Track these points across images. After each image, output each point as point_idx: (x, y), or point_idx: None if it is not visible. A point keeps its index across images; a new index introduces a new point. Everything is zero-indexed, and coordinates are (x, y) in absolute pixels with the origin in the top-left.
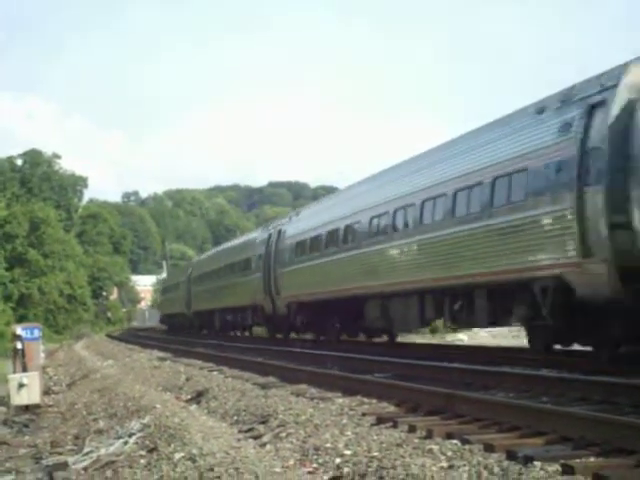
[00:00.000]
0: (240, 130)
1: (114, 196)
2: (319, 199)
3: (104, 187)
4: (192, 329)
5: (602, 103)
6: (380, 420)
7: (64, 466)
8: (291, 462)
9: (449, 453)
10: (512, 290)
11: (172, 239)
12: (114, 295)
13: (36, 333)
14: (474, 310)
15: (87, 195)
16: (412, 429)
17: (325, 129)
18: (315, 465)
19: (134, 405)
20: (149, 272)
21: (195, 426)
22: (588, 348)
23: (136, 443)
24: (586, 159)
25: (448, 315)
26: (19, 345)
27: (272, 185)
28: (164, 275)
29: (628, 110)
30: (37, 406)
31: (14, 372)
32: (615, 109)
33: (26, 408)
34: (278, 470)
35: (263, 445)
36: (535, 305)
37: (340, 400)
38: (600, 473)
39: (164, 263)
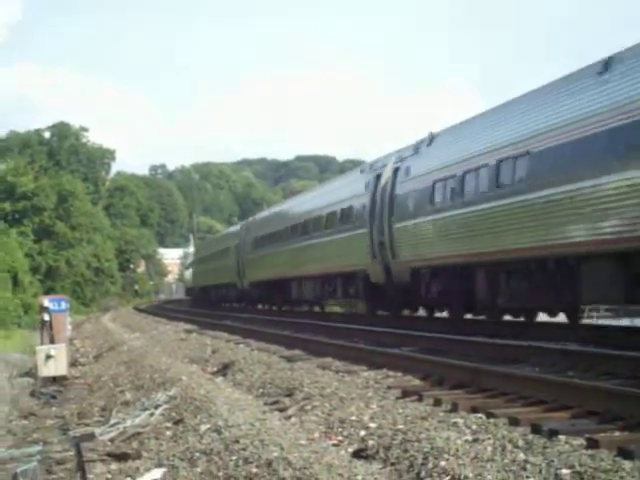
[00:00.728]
0: (268, 103)
1: (141, 169)
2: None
3: (132, 160)
4: (245, 303)
5: (380, 175)
6: (405, 393)
7: (91, 437)
8: (316, 434)
9: (474, 427)
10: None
11: (199, 212)
12: (141, 268)
13: (63, 305)
14: None
15: (114, 168)
16: (437, 403)
17: (354, 102)
18: (340, 437)
19: (160, 377)
20: (176, 245)
21: (221, 398)
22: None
23: (162, 415)
24: (373, 204)
25: None
26: (46, 317)
27: (299, 159)
28: (191, 248)
29: (390, 179)
30: (64, 378)
31: (41, 344)
32: (384, 178)
33: (53, 380)
34: (303, 442)
35: (288, 417)
36: (357, 287)
37: (366, 373)
38: (625, 447)
39: (191, 236)
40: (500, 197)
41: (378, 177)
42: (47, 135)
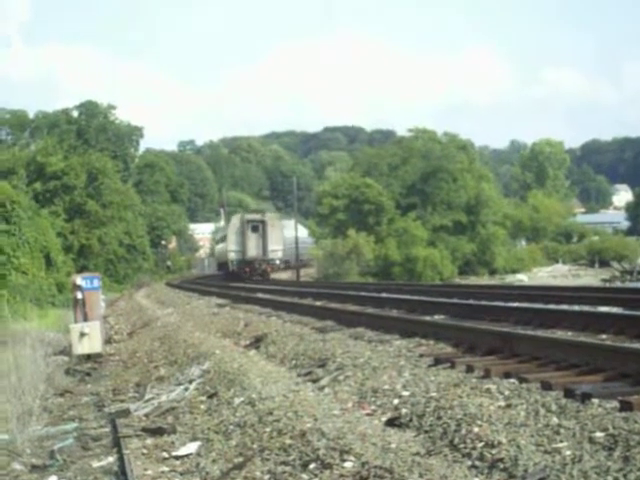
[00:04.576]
0: (295, 74)
1: (170, 145)
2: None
3: (160, 137)
4: None
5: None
6: (438, 361)
7: (126, 413)
8: (349, 404)
9: (507, 392)
10: None
11: (229, 186)
12: (173, 244)
13: (96, 283)
14: None
15: (143, 145)
16: (469, 369)
17: (381, 70)
18: (373, 407)
19: (194, 352)
20: (207, 220)
21: (254, 371)
22: None
23: (196, 389)
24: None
25: None
26: (79, 295)
27: (327, 130)
28: (222, 223)
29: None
30: (99, 355)
31: (75, 322)
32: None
33: (88, 357)
34: (337, 413)
35: (321, 388)
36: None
37: (398, 342)
38: None
39: (222, 211)
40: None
41: None
42: (75, 114)
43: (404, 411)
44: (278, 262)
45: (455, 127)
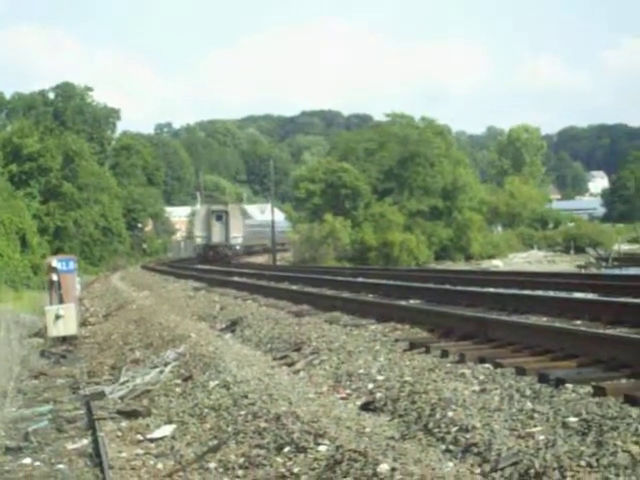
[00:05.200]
0: (273, 58)
1: (147, 128)
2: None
3: (137, 119)
4: None
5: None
6: (413, 345)
7: (101, 395)
8: (324, 388)
9: (481, 377)
10: None
11: (206, 170)
12: (149, 227)
13: (71, 265)
14: None
15: (120, 127)
16: (444, 354)
17: (358, 56)
18: (348, 391)
19: (169, 335)
20: (183, 203)
21: (229, 354)
22: None
23: (171, 372)
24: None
25: None
26: (55, 277)
27: (305, 114)
28: (198, 206)
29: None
30: (74, 337)
31: (50, 304)
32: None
33: (63, 339)
34: (311, 396)
35: (297, 372)
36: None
37: (373, 327)
38: (631, 394)
39: (198, 194)
40: None
41: None
42: (51, 96)
43: (379, 395)
44: (238, 247)
45: (432, 113)
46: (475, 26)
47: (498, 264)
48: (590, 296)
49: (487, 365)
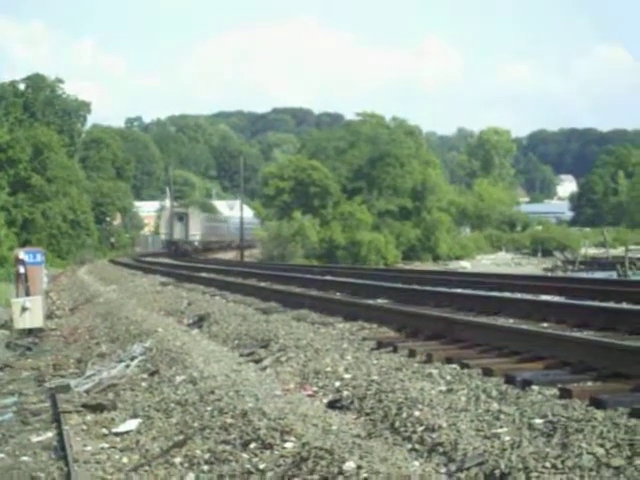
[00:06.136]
0: (246, 55)
1: (117, 121)
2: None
3: (108, 112)
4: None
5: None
6: (380, 345)
7: (67, 388)
8: (291, 385)
9: (448, 377)
10: None
11: (175, 165)
12: (117, 221)
13: (39, 257)
14: None
15: (90, 120)
16: (412, 354)
17: (330, 54)
18: (315, 388)
19: (136, 329)
20: (152, 198)
21: (196, 350)
22: None
23: (138, 366)
24: None
25: None
26: (22, 269)
27: (276, 111)
28: (167, 202)
29: None
30: (40, 330)
31: (17, 296)
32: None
33: (29, 332)
34: (278, 393)
35: (264, 369)
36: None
37: (341, 325)
38: (597, 397)
39: (167, 189)
40: None
41: None
42: (22, 87)
43: (345, 393)
44: (196, 244)
45: (403, 113)
46: (449, 28)
47: (466, 265)
48: (556, 299)
49: (454, 365)
